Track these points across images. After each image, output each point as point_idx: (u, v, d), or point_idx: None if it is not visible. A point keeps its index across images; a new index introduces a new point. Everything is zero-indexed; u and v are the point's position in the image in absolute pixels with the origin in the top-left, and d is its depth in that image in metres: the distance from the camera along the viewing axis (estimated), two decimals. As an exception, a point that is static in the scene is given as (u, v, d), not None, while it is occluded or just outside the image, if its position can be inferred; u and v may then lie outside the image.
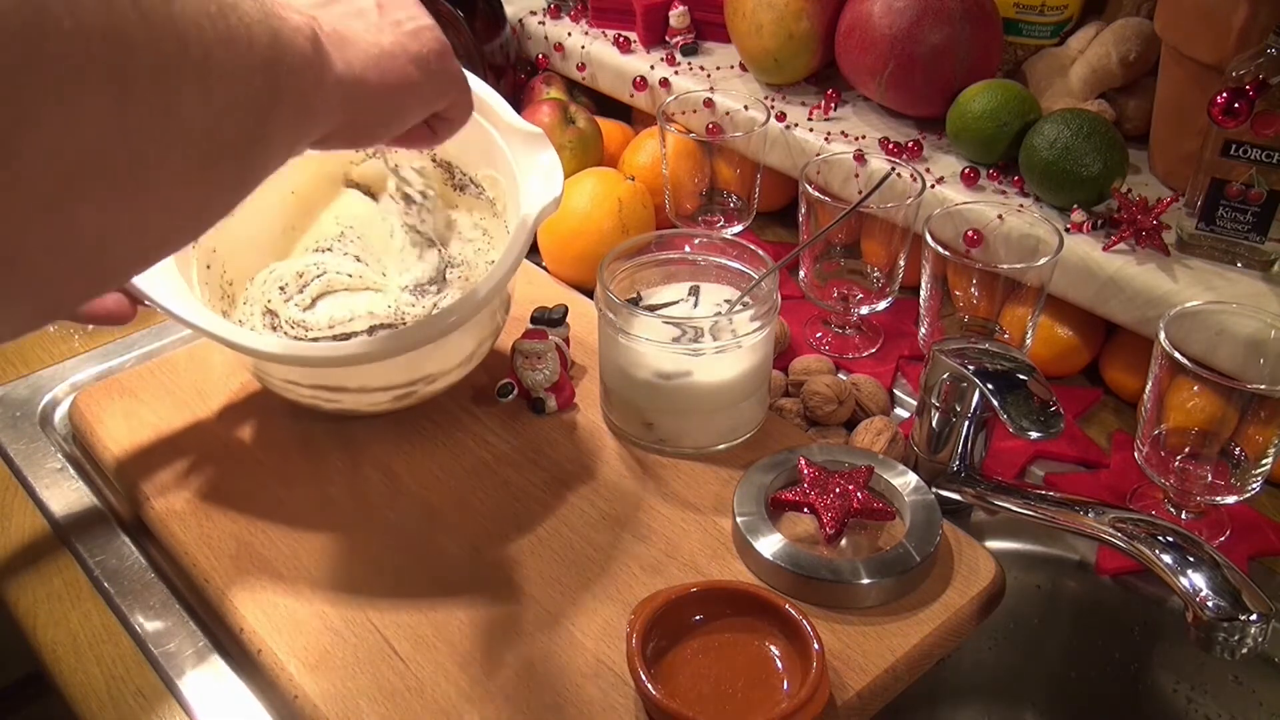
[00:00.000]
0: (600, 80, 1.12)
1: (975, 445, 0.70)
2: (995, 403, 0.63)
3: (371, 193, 0.81)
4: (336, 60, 0.44)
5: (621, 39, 1.10)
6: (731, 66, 1.06)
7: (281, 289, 0.75)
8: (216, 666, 0.62)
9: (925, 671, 0.62)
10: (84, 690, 0.62)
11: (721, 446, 0.73)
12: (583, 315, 0.83)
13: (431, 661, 0.60)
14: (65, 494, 0.74)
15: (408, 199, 0.79)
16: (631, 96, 1.09)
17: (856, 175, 0.88)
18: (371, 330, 0.72)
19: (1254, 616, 0.54)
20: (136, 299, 0.64)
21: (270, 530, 0.68)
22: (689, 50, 1.08)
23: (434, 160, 0.80)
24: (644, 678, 0.55)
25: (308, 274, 0.76)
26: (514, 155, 0.73)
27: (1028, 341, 0.77)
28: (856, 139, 0.93)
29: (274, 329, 0.73)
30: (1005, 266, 0.76)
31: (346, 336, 0.72)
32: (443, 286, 0.77)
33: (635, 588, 0.64)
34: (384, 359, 0.64)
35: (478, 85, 0.75)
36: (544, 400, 0.76)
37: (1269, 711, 0.67)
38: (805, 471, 0.69)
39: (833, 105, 0.97)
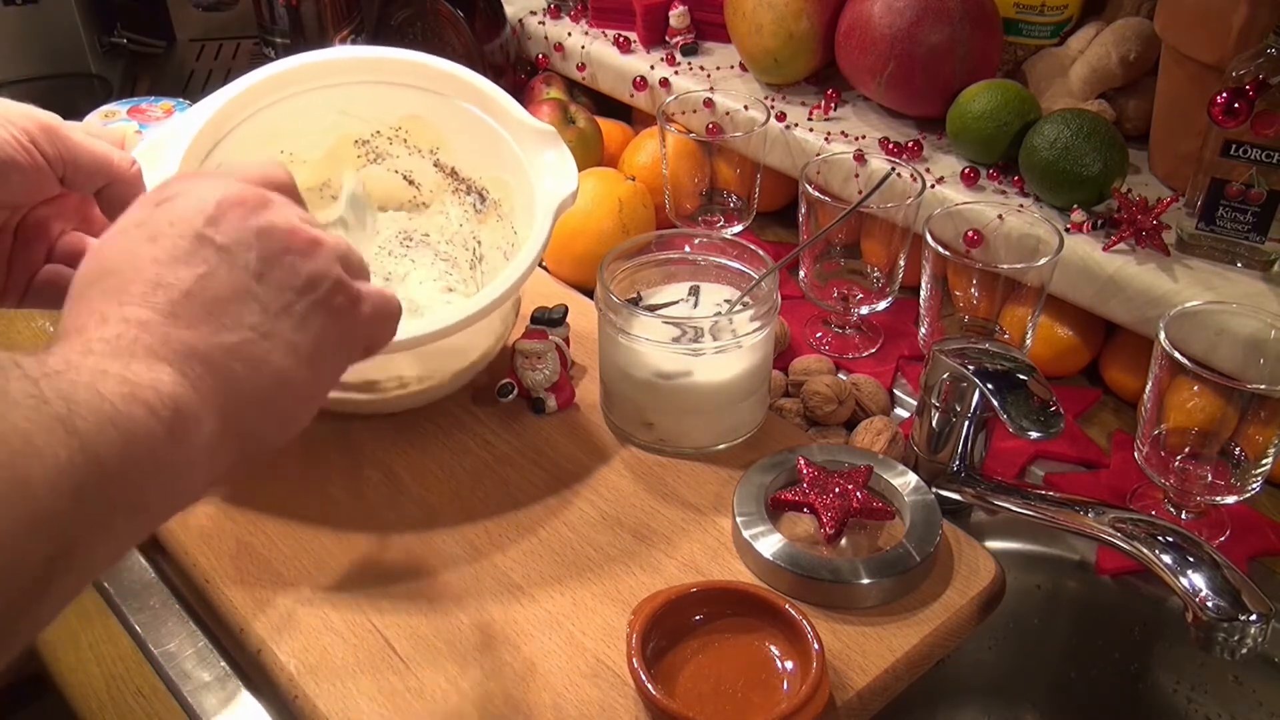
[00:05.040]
0: (600, 80, 1.12)
1: (975, 445, 0.70)
2: (995, 403, 0.63)
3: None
4: (207, 422, 0.38)
5: (621, 39, 1.10)
6: (731, 66, 1.06)
7: None
8: (216, 667, 0.62)
9: (925, 671, 0.62)
10: (84, 690, 0.62)
11: (721, 446, 0.73)
12: (583, 315, 0.83)
13: (431, 662, 0.60)
14: (65, 494, 0.74)
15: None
16: (631, 96, 1.09)
17: (856, 175, 0.88)
18: None
19: (1254, 616, 0.54)
20: None
21: (270, 530, 0.68)
22: (689, 50, 1.08)
23: (437, 165, 0.80)
24: (644, 678, 0.55)
25: None
26: (525, 153, 0.73)
27: (1028, 341, 0.77)
28: (856, 139, 0.93)
29: None
30: (1005, 266, 0.76)
31: None
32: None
33: (635, 588, 0.64)
34: (445, 338, 0.64)
35: (486, 85, 0.75)
36: (544, 400, 0.76)
37: (1269, 711, 0.67)
38: (805, 471, 0.69)
39: (833, 105, 0.97)
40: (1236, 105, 0.70)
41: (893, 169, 0.83)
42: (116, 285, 0.40)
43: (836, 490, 0.67)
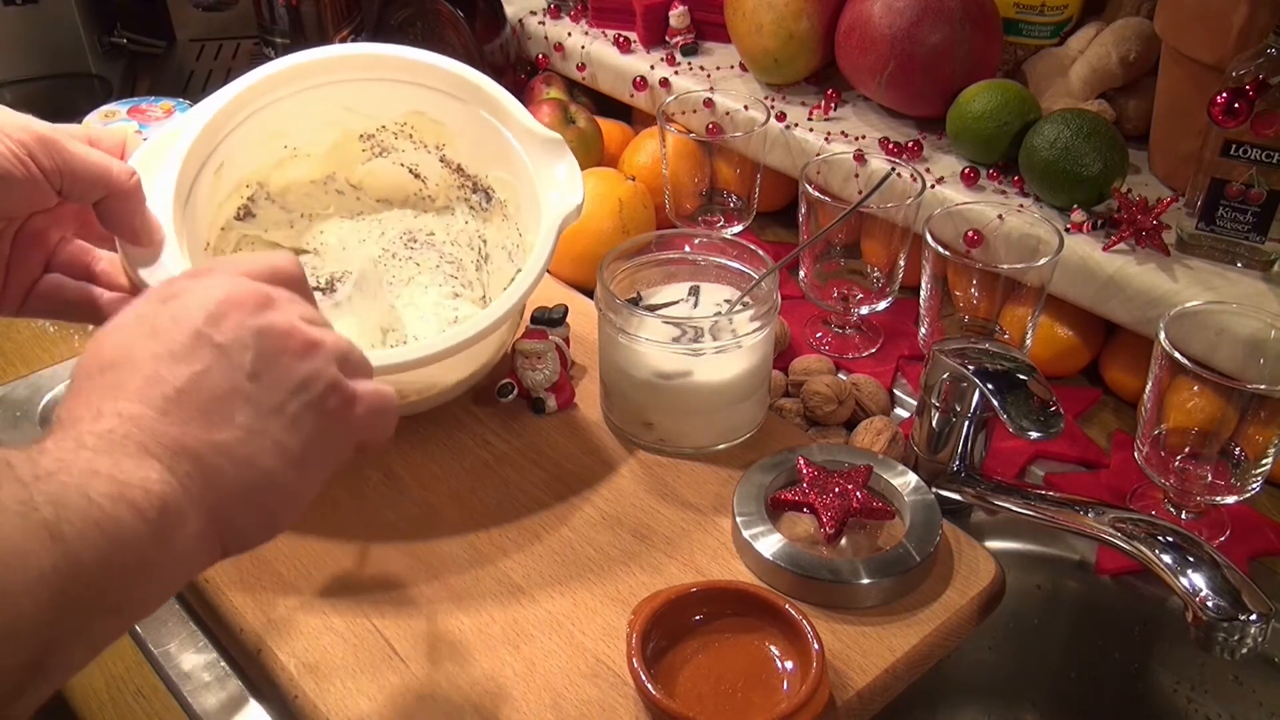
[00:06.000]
0: (600, 80, 1.12)
1: (975, 445, 0.70)
2: (995, 403, 0.63)
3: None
4: (192, 519, 0.39)
5: (621, 39, 1.10)
6: (731, 66, 1.06)
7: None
8: (216, 667, 0.62)
9: (925, 671, 0.62)
10: (84, 690, 0.62)
11: (721, 446, 0.73)
12: (583, 315, 0.83)
13: (431, 662, 0.60)
14: (65, 494, 0.74)
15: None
16: (631, 96, 1.09)
17: (856, 175, 0.88)
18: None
19: (1254, 616, 0.55)
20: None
21: (270, 530, 0.68)
22: (689, 50, 1.08)
23: (443, 160, 0.80)
24: (644, 678, 0.55)
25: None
26: (531, 161, 0.73)
27: (1028, 341, 0.77)
28: (856, 139, 0.93)
29: None
30: (1005, 266, 0.76)
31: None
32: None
33: (635, 588, 0.64)
34: (438, 362, 0.64)
35: (493, 88, 0.75)
36: (544, 400, 0.76)
37: (1269, 711, 0.67)
38: (805, 471, 0.69)
39: (833, 105, 0.97)
40: (1236, 105, 0.70)
41: (893, 169, 0.83)
42: (114, 380, 0.40)
43: (836, 490, 0.67)
